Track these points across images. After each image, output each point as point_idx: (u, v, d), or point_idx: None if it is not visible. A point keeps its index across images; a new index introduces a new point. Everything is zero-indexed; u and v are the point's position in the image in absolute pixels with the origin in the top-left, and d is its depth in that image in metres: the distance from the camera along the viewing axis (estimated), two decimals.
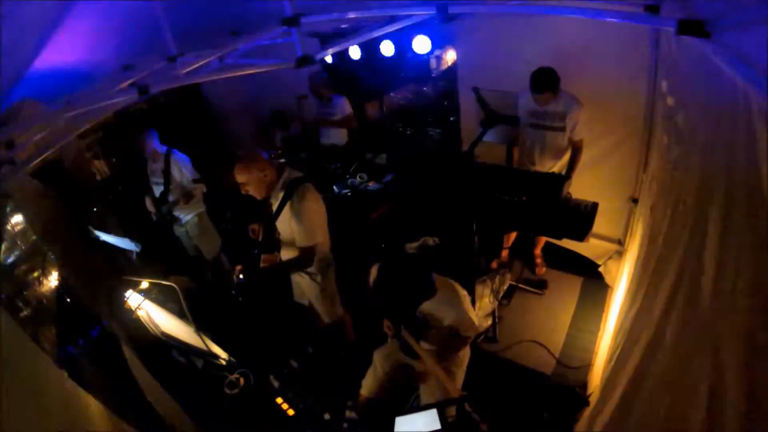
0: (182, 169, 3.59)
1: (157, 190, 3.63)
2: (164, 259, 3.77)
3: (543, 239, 3.63)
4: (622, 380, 1.63)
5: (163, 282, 2.07)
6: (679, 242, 1.38)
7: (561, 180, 2.79)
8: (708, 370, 0.92)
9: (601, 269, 3.51)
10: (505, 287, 3.42)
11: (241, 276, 2.45)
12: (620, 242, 3.38)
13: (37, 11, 2.05)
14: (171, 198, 3.56)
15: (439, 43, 3.63)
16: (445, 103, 4.54)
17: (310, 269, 2.72)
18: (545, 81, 2.91)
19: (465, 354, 2.36)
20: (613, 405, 1.68)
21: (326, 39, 4.44)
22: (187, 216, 3.72)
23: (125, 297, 2.34)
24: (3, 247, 2.27)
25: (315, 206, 2.54)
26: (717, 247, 1.04)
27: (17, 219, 2.72)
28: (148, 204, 3.72)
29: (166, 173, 3.53)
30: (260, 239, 2.79)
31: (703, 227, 1.16)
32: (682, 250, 1.34)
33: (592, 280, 3.55)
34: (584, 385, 2.72)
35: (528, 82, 2.96)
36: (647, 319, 1.56)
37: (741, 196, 0.92)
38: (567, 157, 3.19)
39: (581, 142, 3.09)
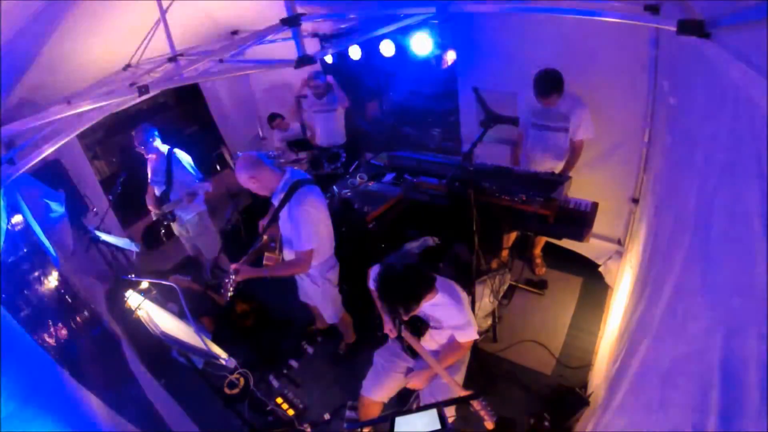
0: (185, 168, 3.61)
1: (158, 190, 3.66)
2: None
3: (543, 239, 3.63)
4: (626, 381, 1.63)
5: (163, 282, 2.07)
6: (683, 243, 1.38)
7: (562, 180, 2.79)
8: (711, 371, 0.91)
9: (601, 269, 3.50)
10: (505, 287, 3.42)
11: (233, 276, 2.45)
12: (620, 242, 3.37)
13: (37, 11, 2.06)
14: (173, 197, 3.58)
15: (439, 43, 3.63)
16: (445, 103, 4.54)
17: (311, 271, 2.72)
18: (549, 85, 2.89)
19: (465, 354, 2.36)
20: (616, 406, 1.68)
21: (326, 39, 4.45)
22: (188, 215, 3.73)
23: (125, 297, 2.34)
24: (3, 247, 2.26)
25: (313, 210, 2.50)
26: (720, 247, 1.04)
27: (17, 219, 2.72)
28: (149, 203, 3.74)
29: (168, 172, 3.55)
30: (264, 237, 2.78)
31: (706, 227, 1.16)
32: (686, 250, 1.34)
33: (592, 280, 3.55)
34: (584, 385, 2.72)
35: (528, 81, 2.95)
36: (650, 321, 1.56)
37: (744, 195, 0.92)
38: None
39: (581, 143, 3.08)
